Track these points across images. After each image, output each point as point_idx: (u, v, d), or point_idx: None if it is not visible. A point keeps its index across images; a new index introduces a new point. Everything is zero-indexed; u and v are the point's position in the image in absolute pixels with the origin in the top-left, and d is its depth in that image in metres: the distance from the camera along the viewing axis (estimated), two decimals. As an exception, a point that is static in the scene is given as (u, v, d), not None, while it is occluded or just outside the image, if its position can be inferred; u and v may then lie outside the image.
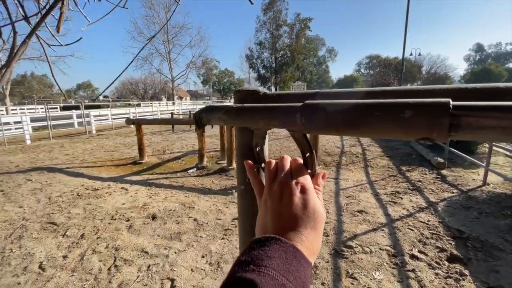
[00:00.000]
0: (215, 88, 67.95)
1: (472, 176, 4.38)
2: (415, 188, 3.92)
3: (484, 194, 3.62)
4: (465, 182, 4.11)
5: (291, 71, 37.15)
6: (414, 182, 4.18)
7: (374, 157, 6.01)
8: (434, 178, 4.33)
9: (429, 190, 3.81)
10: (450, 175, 4.45)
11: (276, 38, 34.75)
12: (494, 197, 3.52)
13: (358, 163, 5.52)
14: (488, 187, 3.86)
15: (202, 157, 5.94)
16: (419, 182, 4.19)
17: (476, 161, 4.48)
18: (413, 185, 4.04)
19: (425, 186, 4.00)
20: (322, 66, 77.33)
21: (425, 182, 4.16)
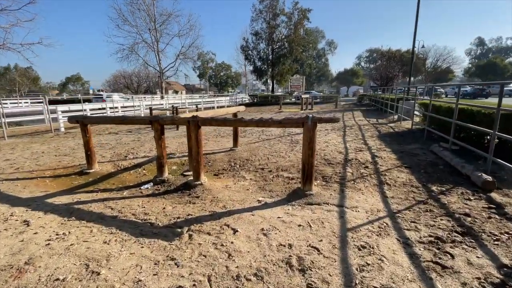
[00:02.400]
0: (211, 82, 66.05)
1: (539, 204, 2.98)
2: (466, 231, 2.49)
3: None
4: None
5: (289, 64, 35.44)
6: (460, 217, 2.76)
7: (388, 167, 4.58)
8: (487, 209, 2.91)
9: (491, 236, 2.39)
10: (508, 203, 3.02)
11: (273, 28, 32.92)
12: None
13: (369, 178, 4.09)
14: None
15: (162, 167, 4.49)
16: (467, 216, 2.77)
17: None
18: (460, 224, 2.62)
19: (480, 226, 2.58)
20: (322, 59, 75.46)
21: (477, 218, 2.73)
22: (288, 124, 3.47)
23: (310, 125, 3.37)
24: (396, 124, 9.95)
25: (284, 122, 3.48)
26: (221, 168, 5.19)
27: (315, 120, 3.35)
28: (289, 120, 3.45)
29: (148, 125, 4.41)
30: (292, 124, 3.45)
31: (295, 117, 3.44)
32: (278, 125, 3.52)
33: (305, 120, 3.38)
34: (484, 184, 3.40)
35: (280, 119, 3.54)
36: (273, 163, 5.21)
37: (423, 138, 6.92)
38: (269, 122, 3.54)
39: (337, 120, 3.31)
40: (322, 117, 3.33)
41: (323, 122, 3.34)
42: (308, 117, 3.36)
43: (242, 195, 3.78)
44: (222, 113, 5.98)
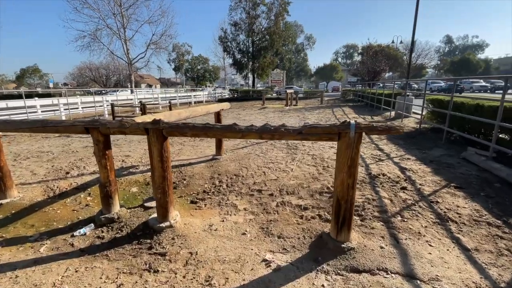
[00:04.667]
0: (188, 76, 62.80)
1: None
2: None
3: None
4: None
5: (270, 57, 34.04)
6: None
7: (433, 188, 3.38)
8: None
9: None
10: None
11: (253, 18, 31.22)
12: None
13: (419, 209, 2.84)
14: None
15: (108, 198, 2.91)
16: None
17: None
18: None
19: None
20: (301, 54, 75.22)
21: None
22: (314, 136, 2.10)
23: (352, 137, 2.01)
24: (398, 123, 8.98)
25: (306, 133, 2.08)
26: (201, 189, 3.70)
27: (362, 130, 1.99)
28: (314, 130, 2.07)
29: (85, 134, 2.77)
30: (320, 135, 2.08)
31: (322, 124, 2.07)
32: (296, 136, 2.12)
33: (344, 130, 2.01)
34: None
35: (297, 127, 2.14)
36: (272, 181, 3.82)
37: (441, 140, 5.90)
38: (281, 131, 2.13)
39: (399, 130, 1.99)
40: (374, 125, 1.99)
41: (376, 133, 2.01)
42: (350, 124, 2.00)
43: (236, 247, 2.35)
44: (201, 112, 4.45)
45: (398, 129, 1.98)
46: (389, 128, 1.99)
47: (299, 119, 10.75)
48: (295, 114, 12.80)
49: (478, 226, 2.47)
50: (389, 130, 1.99)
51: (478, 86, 30.92)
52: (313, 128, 2.10)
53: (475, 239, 2.28)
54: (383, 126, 2.00)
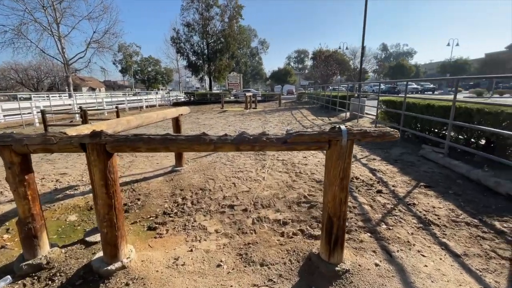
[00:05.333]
0: (138, 78, 58.40)
1: None
2: None
3: None
4: None
5: (226, 60, 33.62)
6: None
7: (406, 189, 3.39)
8: None
9: None
10: None
11: (206, 20, 30.46)
12: None
13: (401, 214, 2.75)
14: None
15: (31, 238, 2.17)
16: None
17: None
18: None
19: None
20: (256, 57, 76.50)
21: None
22: (301, 145, 1.78)
23: (345, 145, 1.74)
24: (353, 123, 9.40)
25: (293, 142, 1.75)
26: (160, 210, 3.11)
27: (355, 137, 1.74)
28: (301, 138, 1.75)
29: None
30: (308, 144, 1.76)
31: (310, 131, 1.76)
32: (280, 146, 1.77)
33: (335, 137, 1.73)
34: (562, 215, 2.43)
35: (281, 135, 1.79)
36: (244, 193, 3.42)
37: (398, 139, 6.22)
38: (262, 141, 1.76)
39: (394, 136, 1.79)
40: (368, 130, 1.75)
41: (370, 139, 1.77)
42: (342, 130, 1.73)
43: (211, 285, 1.90)
44: (157, 118, 3.83)
45: (393, 134, 1.78)
46: (383, 134, 1.77)
47: (262, 122, 10.56)
48: (256, 117, 12.61)
49: (458, 227, 2.45)
50: (384, 136, 1.78)
51: (411, 88, 35.24)
52: (300, 136, 1.78)
53: (461, 242, 2.23)
54: (376, 132, 1.78)
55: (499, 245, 2.15)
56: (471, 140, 4.82)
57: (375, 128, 1.80)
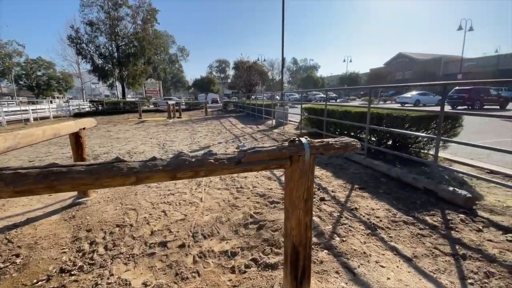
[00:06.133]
0: (22, 84, 46.56)
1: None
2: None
3: None
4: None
5: (142, 65, 30.62)
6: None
7: (344, 193, 3.46)
8: (501, 237, 2.20)
9: None
10: (497, 217, 2.50)
11: (115, 20, 27.06)
12: None
13: (348, 222, 2.71)
14: None
15: None
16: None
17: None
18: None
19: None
20: (175, 65, 73.21)
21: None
22: (259, 165, 1.39)
23: (308, 161, 1.46)
24: (280, 130, 9.76)
25: (248, 162, 1.35)
26: (55, 267, 2.16)
27: (318, 150, 1.48)
28: (258, 156, 1.37)
29: None
30: (267, 163, 1.40)
31: (267, 147, 1.41)
32: (234, 168, 1.35)
33: (297, 152, 1.44)
34: (467, 202, 2.85)
35: (233, 154, 1.37)
36: (179, 223, 2.80)
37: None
38: (209, 164, 1.29)
39: (356, 146, 1.62)
40: (330, 142, 1.52)
41: (333, 151, 1.54)
42: (304, 143, 1.44)
43: None
44: (43, 136, 2.75)
45: (355, 144, 1.61)
46: (346, 145, 1.58)
47: (189, 132, 9.76)
48: (182, 127, 11.64)
49: (399, 227, 2.56)
50: (346, 147, 1.59)
51: (319, 97, 40.49)
52: (256, 153, 1.40)
53: (407, 243, 2.29)
54: (338, 143, 1.57)
55: (437, 241, 2.30)
56: (382, 141, 5.53)
57: (336, 139, 1.60)
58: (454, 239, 2.31)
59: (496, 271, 1.87)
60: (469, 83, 5.61)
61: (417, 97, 24.33)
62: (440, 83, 3.57)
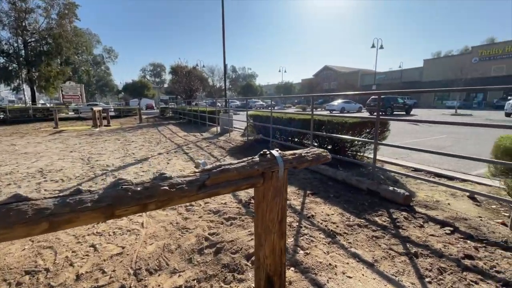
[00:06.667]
0: None
1: (457, 205, 3.08)
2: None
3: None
4: (483, 228, 2.61)
5: (58, 66, 26.16)
6: (469, 264, 2.03)
7: (300, 200, 3.42)
8: (461, 239, 2.47)
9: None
10: (452, 219, 2.83)
11: (22, 12, 22.49)
12: None
13: (307, 231, 2.64)
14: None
15: None
16: (469, 259, 2.11)
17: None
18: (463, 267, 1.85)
19: (484, 263, 1.96)
20: (101, 67, 65.49)
21: (481, 258, 2.14)
22: (227, 187, 1.12)
23: (281, 177, 1.28)
24: (226, 137, 9.50)
25: (214, 184, 1.08)
26: None
27: (292, 164, 1.32)
28: (226, 175, 1.11)
29: None
30: (237, 183, 1.14)
31: (235, 163, 1.16)
32: (196, 194, 1.05)
33: (270, 167, 1.24)
34: (405, 200, 3.14)
35: (193, 176, 1.08)
36: (115, 259, 2.25)
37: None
38: (163, 192, 0.97)
39: (327, 157, 1.49)
40: (303, 154, 1.36)
41: (307, 164, 1.38)
42: (276, 157, 1.26)
43: None
44: None
45: (326, 155, 1.51)
46: (318, 157, 1.46)
47: (121, 142, 8.58)
48: (112, 136, 10.20)
49: (355, 231, 2.61)
50: (318, 159, 1.47)
51: (259, 104, 41.91)
52: (223, 172, 1.13)
53: (365, 248, 2.33)
54: (310, 155, 1.44)
55: (390, 241, 2.41)
56: (322, 145, 5.86)
57: (307, 151, 1.47)
58: (404, 237, 2.47)
59: (446, 266, 2.03)
60: (398, 93, 6.49)
61: (342, 105, 27.61)
62: (376, 92, 3.94)
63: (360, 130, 5.11)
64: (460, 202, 3.27)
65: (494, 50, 37.65)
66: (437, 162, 5.38)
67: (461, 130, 10.58)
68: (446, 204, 3.18)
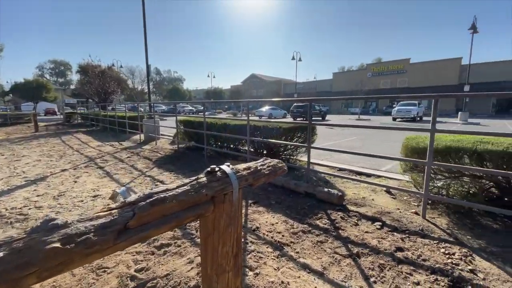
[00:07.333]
0: None
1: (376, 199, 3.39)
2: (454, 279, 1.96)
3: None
4: (403, 220, 2.93)
5: None
6: (395, 254, 2.21)
7: (243, 211, 3.18)
8: (389, 233, 2.69)
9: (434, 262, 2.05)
10: (381, 215, 3.08)
11: None
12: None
13: (256, 249, 2.43)
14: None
15: None
16: (400, 251, 2.30)
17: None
18: (431, 268, 2.04)
19: (415, 254, 2.19)
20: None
21: (409, 249, 2.36)
22: (169, 223, 0.78)
23: (236, 199, 1.01)
24: (152, 146, 8.50)
25: (146, 225, 0.73)
26: None
27: (247, 182, 1.07)
28: (164, 208, 0.78)
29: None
30: (178, 217, 0.81)
31: (175, 188, 0.84)
32: (115, 244, 0.68)
33: (222, 189, 0.96)
34: (339, 200, 3.30)
35: (110, 215, 0.71)
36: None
37: (203, 157, 6.28)
38: (48, 252, 0.57)
39: (283, 168, 1.28)
40: (259, 168, 1.11)
41: (264, 179, 1.13)
42: (229, 174, 0.99)
43: None
44: None
45: (282, 167, 1.32)
46: (275, 170, 1.26)
47: (6, 159, 6.54)
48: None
49: (301, 239, 2.55)
50: (275, 172, 1.26)
51: (188, 109, 40.26)
52: (156, 205, 0.79)
53: (313, 256, 2.28)
54: (265, 167, 1.23)
55: (334, 244, 2.43)
56: (259, 150, 5.85)
57: (262, 162, 1.25)
58: (344, 238, 2.55)
59: (384, 262, 2.14)
60: (323, 100, 7.06)
61: (270, 111, 29.23)
62: (307, 99, 4.11)
63: (293, 135, 5.30)
64: (380, 196, 3.68)
65: (381, 67, 46.91)
66: (355, 161, 6.07)
67: (364, 132, 12.53)
68: (371, 200, 3.53)
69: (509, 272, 1.97)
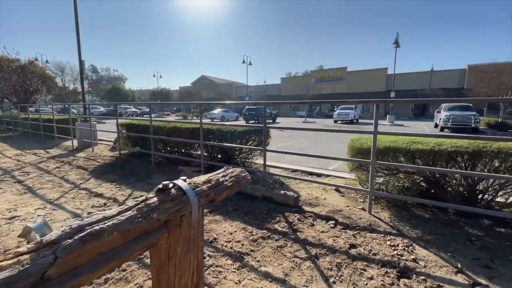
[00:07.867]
0: None
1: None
2: (403, 270, 2.11)
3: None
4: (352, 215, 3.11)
5: None
6: (355, 253, 2.32)
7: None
8: (342, 230, 2.81)
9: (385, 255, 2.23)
10: (333, 213, 3.20)
11: None
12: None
13: (212, 260, 2.27)
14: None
15: None
16: (353, 248, 2.42)
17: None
18: (389, 263, 2.17)
19: (373, 252, 2.34)
20: None
21: (362, 244, 2.49)
22: (103, 267, 0.59)
23: (195, 220, 0.87)
24: (88, 153, 7.46)
25: (73, 272, 0.54)
26: None
27: (208, 197, 0.93)
28: (98, 242, 0.59)
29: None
30: (125, 252, 0.63)
31: (118, 214, 0.65)
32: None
33: (178, 209, 0.81)
34: (295, 201, 3.35)
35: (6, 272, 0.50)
36: None
37: (150, 165, 5.76)
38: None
39: (247, 178, 1.15)
40: (221, 180, 0.97)
41: (227, 193, 0.99)
42: (186, 190, 0.84)
43: None
44: None
45: (246, 176, 1.21)
46: (237, 179, 1.14)
47: None
48: None
49: (260, 246, 2.48)
50: (239, 183, 1.15)
51: (131, 111, 37.08)
52: (90, 241, 0.60)
53: (274, 262, 2.22)
54: (227, 178, 1.10)
55: (293, 248, 2.43)
56: (213, 155, 5.63)
57: (223, 173, 1.12)
58: (302, 240, 2.57)
59: (341, 260, 2.21)
60: (276, 103, 7.17)
61: (222, 113, 28.90)
62: (262, 102, 4.09)
63: (248, 138, 5.25)
64: (331, 195, 3.88)
65: (323, 74, 50.98)
66: (305, 161, 6.34)
67: (309, 134, 13.33)
68: (323, 199, 3.68)
69: (443, 257, 2.25)
